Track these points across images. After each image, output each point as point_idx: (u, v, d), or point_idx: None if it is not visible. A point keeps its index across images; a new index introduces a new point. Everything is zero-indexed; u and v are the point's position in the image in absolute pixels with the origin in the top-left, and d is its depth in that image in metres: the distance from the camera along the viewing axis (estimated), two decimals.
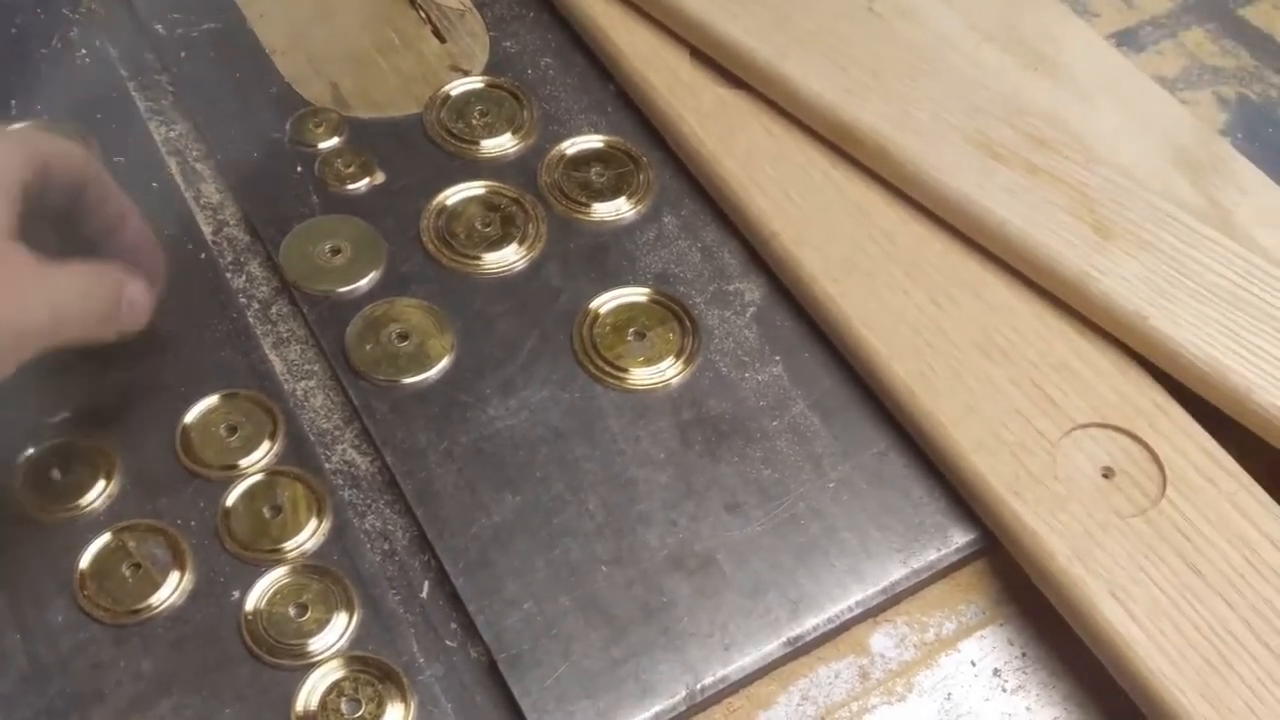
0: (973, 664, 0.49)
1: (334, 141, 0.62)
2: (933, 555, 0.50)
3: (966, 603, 0.51)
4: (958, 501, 0.51)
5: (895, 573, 0.49)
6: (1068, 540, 0.47)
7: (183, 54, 0.66)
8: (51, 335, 0.45)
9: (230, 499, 0.50)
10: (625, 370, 0.55)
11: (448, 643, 0.48)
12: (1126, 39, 0.71)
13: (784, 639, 0.48)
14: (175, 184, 0.61)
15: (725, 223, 0.60)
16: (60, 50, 0.66)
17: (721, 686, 0.47)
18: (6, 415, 0.52)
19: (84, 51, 0.66)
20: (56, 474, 0.50)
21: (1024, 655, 0.49)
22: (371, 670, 0.46)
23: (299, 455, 0.52)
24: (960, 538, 0.50)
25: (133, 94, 0.65)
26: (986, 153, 0.57)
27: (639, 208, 0.61)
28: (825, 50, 0.61)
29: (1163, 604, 0.46)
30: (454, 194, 0.61)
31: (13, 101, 0.63)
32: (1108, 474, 0.50)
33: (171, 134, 0.64)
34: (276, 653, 0.46)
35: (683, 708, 0.46)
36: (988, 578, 0.51)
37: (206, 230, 0.60)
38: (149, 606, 0.47)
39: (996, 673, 0.49)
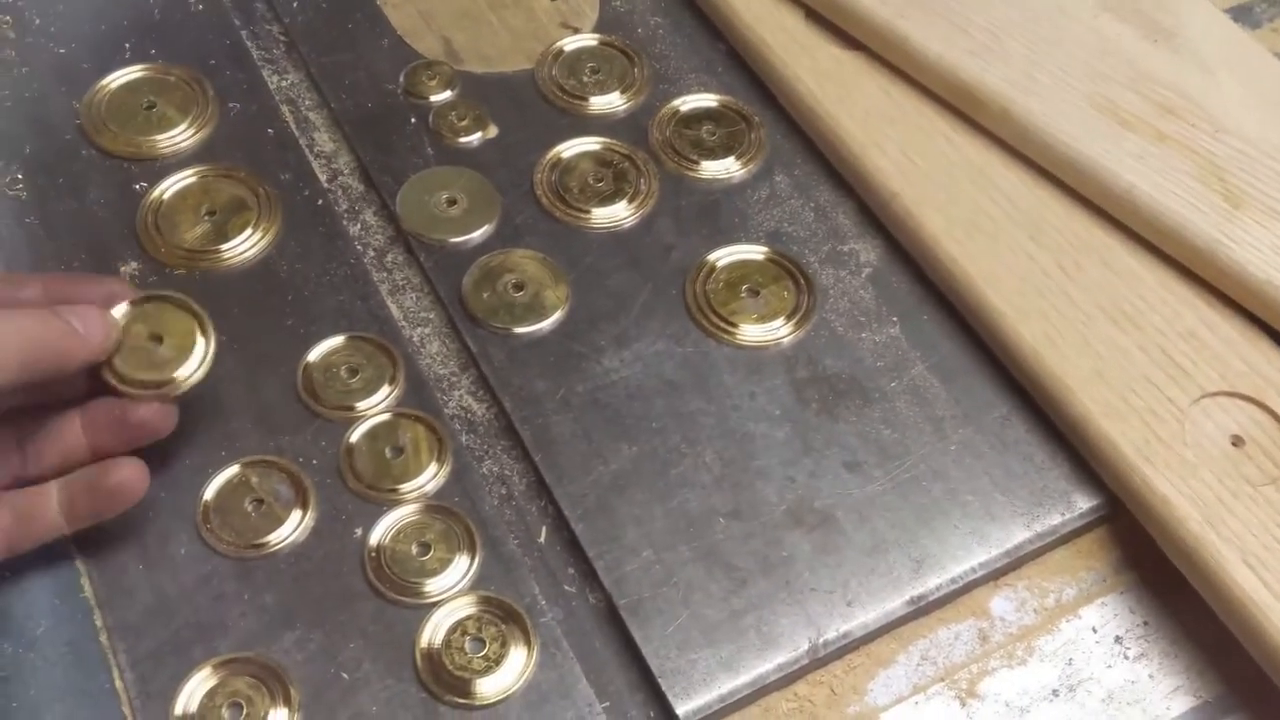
0: (1094, 630, 0.49)
1: (447, 94, 0.62)
2: (1056, 520, 0.49)
3: (1088, 569, 0.50)
4: (1081, 466, 0.50)
5: (1018, 536, 0.49)
6: (1199, 507, 0.47)
7: (295, 4, 0.66)
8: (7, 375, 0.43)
9: (354, 437, 0.50)
10: (738, 326, 0.55)
11: (566, 588, 0.48)
12: (1241, 15, 0.70)
13: (906, 598, 0.47)
14: (290, 132, 0.61)
15: (839, 183, 0.60)
16: None
17: (844, 642, 0.47)
18: None
19: None
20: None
21: (1146, 624, 0.49)
22: (495, 610, 0.46)
23: (419, 399, 0.52)
24: (1084, 503, 0.50)
25: (246, 43, 0.65)
26: (1113, 118, 0.56)
27: (750, 167, 0.60)
28: (945, 11, 0.60)
29: None
30: (567, 149, 0.60)
31: (127, 46, 0.64)
32: (1237, 442, 0.49)
33: (284, 83, 0.64)
34: (400, 590, 0.46)
35: (805, 660, 0.46)
36: (1109, 545, 0.50)
37: (322, 178, 0.60)
38: (271, 541, 0.48)
39: (1118, 640, 0.48)
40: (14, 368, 0.42)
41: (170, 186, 0.58)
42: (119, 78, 0.62)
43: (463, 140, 0.61)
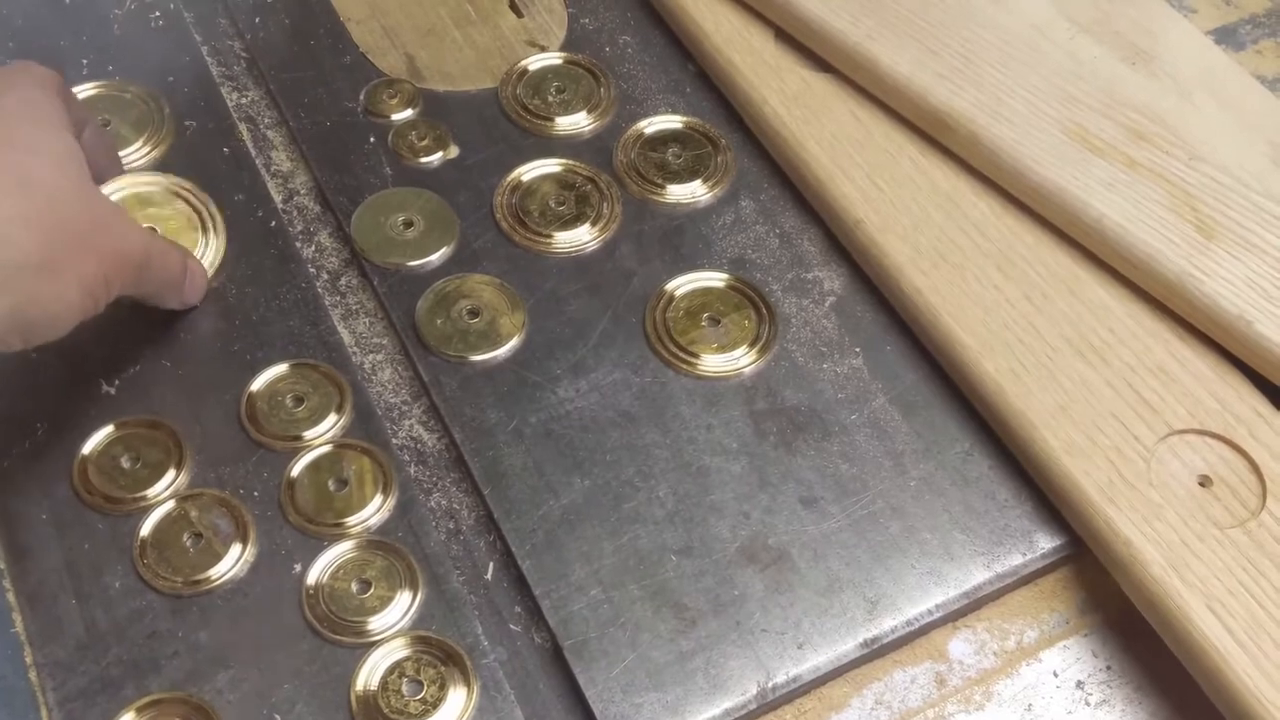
0: (1055, 675, 0.47)
1: (408, 113, 0.61)
2: (1017, 560, 0.48)
3: (1050, 611, 0.49)
4: (1044, 505, 0.49)
5: (978, 576, 0.48)
6: (1163, 550, 0.45)
7: (257, 20, 0.65)
8: (137, 278, 0.47)
9: (295, 470, 0.49)
10: (698, 356, 0.53)
11: (512, 627, 0.47)
12: (1225, 36, 0.69)
13: (860, 640, 0.46)
14: (246, 150, 0.60)
15: (806, 209, 0.58)
16: (134, 12, 0.65)
17: (793, 686, 0.45)
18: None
19: (158, 14, 0.65)
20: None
21: (1109, 668, 0.47)
22: (435, 651, 0.45)
23: (366, 430, 0.51)
24: (1046, 543, 0.48)
25: (206, 59, 0.64)
26: (1084, 145, 0.55)
27: (716, 191, 0.59)
28: (916, 34, 0.59)
29: (1261, 619, 0.44)
30: (528, 171, 0.59)
31: (84, 62, 0.63)
32: (1205, 483, 0.48)
33: (243, 100, 0.63)
34: (338, 629, 0.45)
35: (753, 706, 0.45)
36: (1072, 586, 0.49)
37: (277, 198, 0.59)
38: (209, 577, 0.46)
39: (1080, 685, 0.47)
40: (129, 277, 0.47)
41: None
42: (76, 94, 0.61)
43: (423, 160, 0.59)
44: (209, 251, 0.55)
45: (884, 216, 0.55)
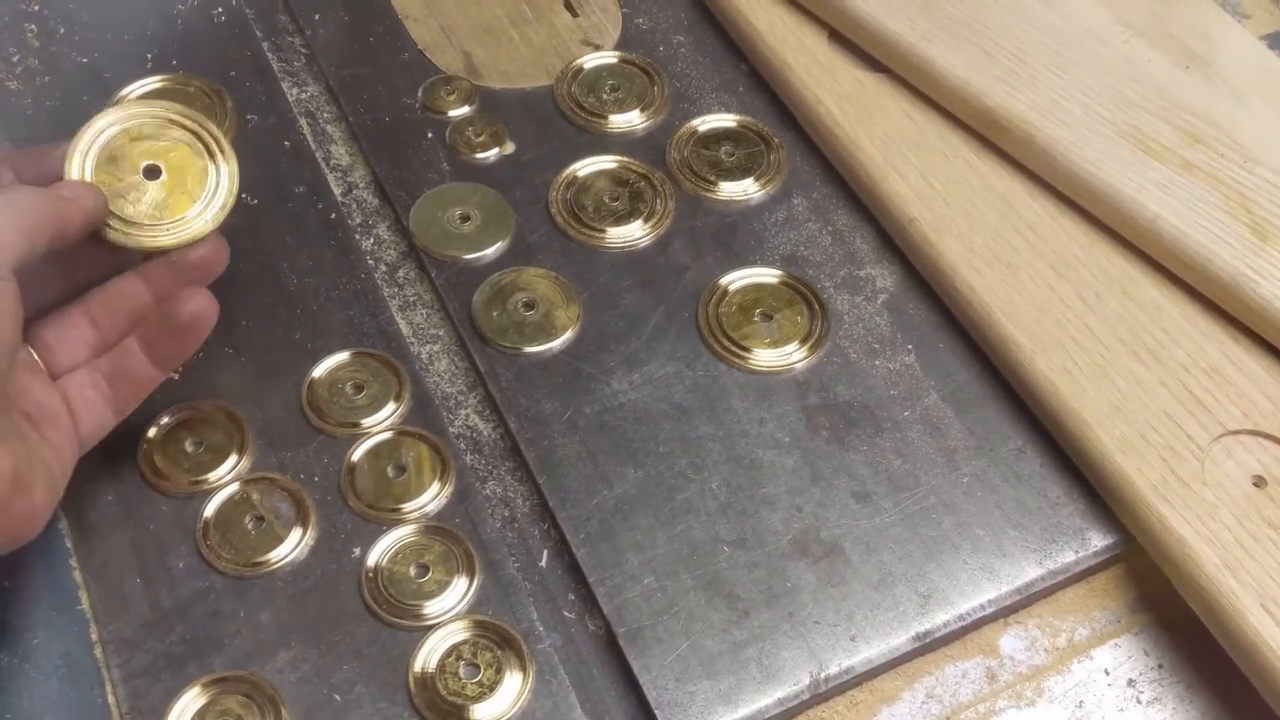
0: (1106, 672, 0.47)
1: (465, 110, 0.62)
2: (1069, 557, 0.48)
3: (1101, 608, 0.49)
4: (1097, 503, 0.49)
5: (1030, 573, 0.48)
6: (1217, 549, 0.45)
7: (317, 16, 0.66)
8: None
9: (355, 456, 0.49)
10: (750, 351, 0.54)
11: (565, 614, 0.47)
12: (1278, 42, 0.69)
13: (912, 634, 0.46)
14: (307, 145, 0.61)
15: (858, 207, 0.59)
16: (197, 7, 0.66)
17: (846, 678, 0.46)
18: None
19: (220, 9, 0.66)
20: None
21: (1160, 667, 0.47)
22: (491, 635, 0.45)
23: (424, 418, 0.51)
24: (1099, 541, 0.48)
25: (267, 54, 0.65)
26: (1139, 147, 0.55)
27: (768, 188, 0.60)
28: (971, 35, 0.59)
29: None
30: (583, 167, 0.60)
31: (149, 55, 0.64)
32: (1259, 483, 0.48)
33: (303, 95, 0.64)
34: (396, 612, 0.46)
35: (806, 696, 0.45)
36: (1124, 584, 0.49)
37: (337, 191, 0.59)
38: (270, 560, 0.47)
39: (1131, 683, 0.47)
40: (21, 244, 0.42)
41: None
42: (140, 88, 0.62)
43: (479, 156, 0.60)
44: (222, 179, 0.49)
45: (938, 216, 0.55)
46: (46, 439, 0.44)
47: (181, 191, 0.48)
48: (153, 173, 0.48)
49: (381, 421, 0.51)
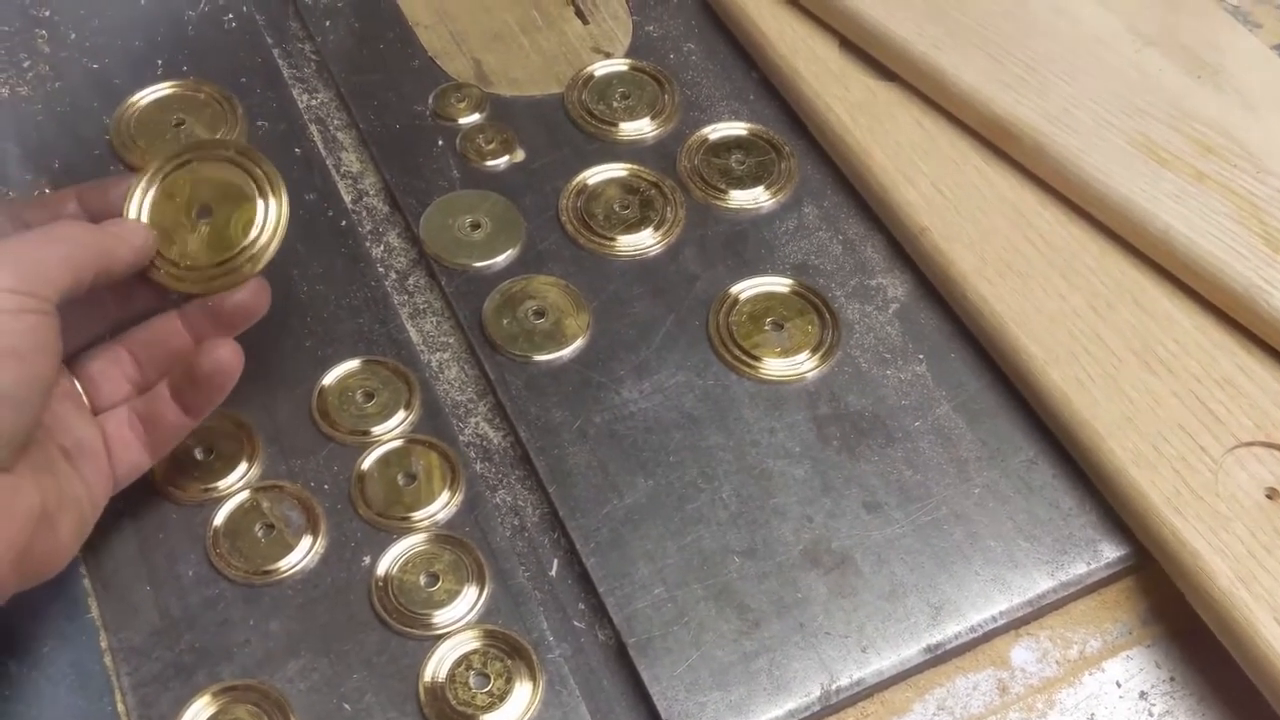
0: (1118, 684, 0.47)
1: (475, 117, 0.62)
2: (1081, 569, 0.48)
3: (1113, 621, 0.48)
4: (1109, 515, 0.49)
5: (1042, 584, 0.48)
6: (1230, 561, 0.45)
7: (327, 23, 0.66)
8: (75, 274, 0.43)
9: (365, 464, 0.49)
10: (760, 360, 0.54)
11: (576, 623, 0.47)
12: None
13: (923, 645, 0.46)
14: (317, 151, 0.61)
15: (869, 216, 0.59)
16: (208, 14, 0.66)
17: (857, 689, 0.45)
18: None
19: (230, 16, 0.66)
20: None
21: (1172, 679, 0.47)
22: (501, 645, 0.45)
23: (434, 426, 0.51)
24: (1111, 553, 0.48)
25: (277, 61, 0.65)
26: (1150, 156, 0.55)
27: (779, 197, 0.60)
28: (981, 43, 0.59)
29: None
30: (594, 175, 0.60)
31: (159, 62, 0.64)
32: (1272, 495, 0.47)
33: (314, 102, 0.64)
34: (406, 620, 0.46)
35: (816, 707, 0.45)
36: (1136, 596, 0.49)
37: (347, 199, 0.59)
38: (280, 568, 0.47)
39: (1143, 695, 0.47)
40: (66, 279, 0.42)
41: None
42: (150, 94, 0.62)
43: (490, 164, 0.60)
44: (269, 221, 0.48)
45: (949, 225, 0.55)
46: (82, 475, 0.44)
47: (230, 234, 0.48)
48: (205, 212, 0.48)
49: (391, 429, 0.51)
